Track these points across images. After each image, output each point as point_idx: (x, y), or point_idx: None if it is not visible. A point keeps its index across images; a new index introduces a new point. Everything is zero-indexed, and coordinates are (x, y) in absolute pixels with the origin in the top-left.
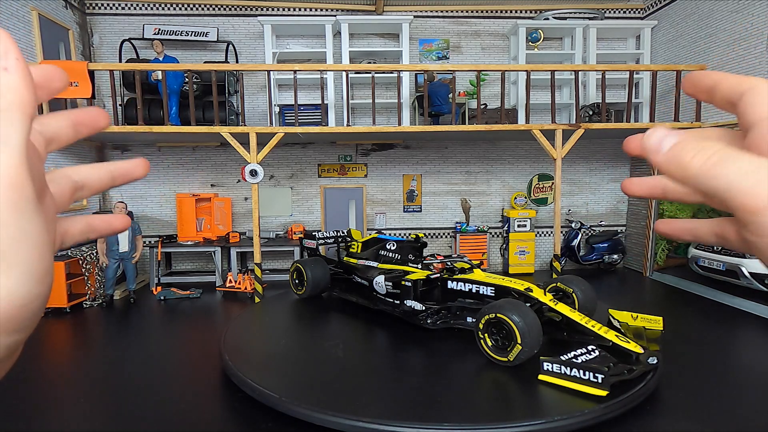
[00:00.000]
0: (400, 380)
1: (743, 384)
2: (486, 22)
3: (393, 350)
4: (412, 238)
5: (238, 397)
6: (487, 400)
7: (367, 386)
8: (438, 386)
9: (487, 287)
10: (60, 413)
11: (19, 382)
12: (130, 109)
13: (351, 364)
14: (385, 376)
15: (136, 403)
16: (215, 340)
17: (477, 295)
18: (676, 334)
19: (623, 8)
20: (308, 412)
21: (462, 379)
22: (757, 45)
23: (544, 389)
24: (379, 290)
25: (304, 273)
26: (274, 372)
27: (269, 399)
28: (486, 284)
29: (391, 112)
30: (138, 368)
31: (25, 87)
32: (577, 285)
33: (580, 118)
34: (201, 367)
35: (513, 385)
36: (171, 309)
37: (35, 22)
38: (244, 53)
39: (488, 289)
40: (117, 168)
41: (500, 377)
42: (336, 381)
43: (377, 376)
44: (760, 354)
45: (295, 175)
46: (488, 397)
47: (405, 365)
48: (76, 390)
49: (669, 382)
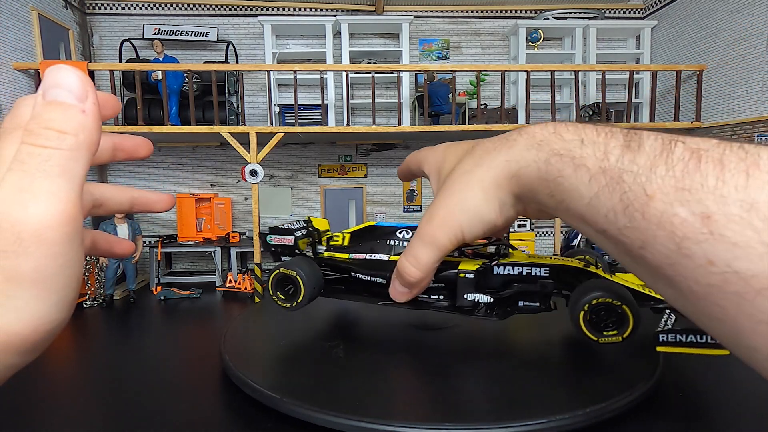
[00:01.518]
0: (401, 380)
1: (743, 384)
2: (486, 22)
3: (394, 349)
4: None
5: (238, 398)
6: (489, 400)
7: (369, 386)
8: (440, 385)
9: (540, 268)
10: (59, 413)
11: (18, 382)
12: (130, 109)
13: (352, 364)
14: (386, 375)
15: (135, 403)
16: (215, 340)
17: (529, 277)
18: None
19: (623, 8)
20: (310, 412)
21: (463, 378)
22: (757, 45)
23: (546, 389)
24: None
25: (299, 280)
26: (274, 372)
27: (270, 400)
28: (539, 265)
29: (391, 112)
30: (138, 368)
31: (95, 129)
32: (592, 253)
33: (580, 118)
34: (201, 367)
35: (514, 384)
36: (171, 309)
37: (35, 22)
38: (244, 53)
39: (542, 270)
40: (140, 196)
41: (501, 377)
42: (337, 381)
43: (378, 376)
44: None
45: (295, 175)
46: (489, 396)
47: (406, 364)
48: (76, 390)
49: (669, 382)
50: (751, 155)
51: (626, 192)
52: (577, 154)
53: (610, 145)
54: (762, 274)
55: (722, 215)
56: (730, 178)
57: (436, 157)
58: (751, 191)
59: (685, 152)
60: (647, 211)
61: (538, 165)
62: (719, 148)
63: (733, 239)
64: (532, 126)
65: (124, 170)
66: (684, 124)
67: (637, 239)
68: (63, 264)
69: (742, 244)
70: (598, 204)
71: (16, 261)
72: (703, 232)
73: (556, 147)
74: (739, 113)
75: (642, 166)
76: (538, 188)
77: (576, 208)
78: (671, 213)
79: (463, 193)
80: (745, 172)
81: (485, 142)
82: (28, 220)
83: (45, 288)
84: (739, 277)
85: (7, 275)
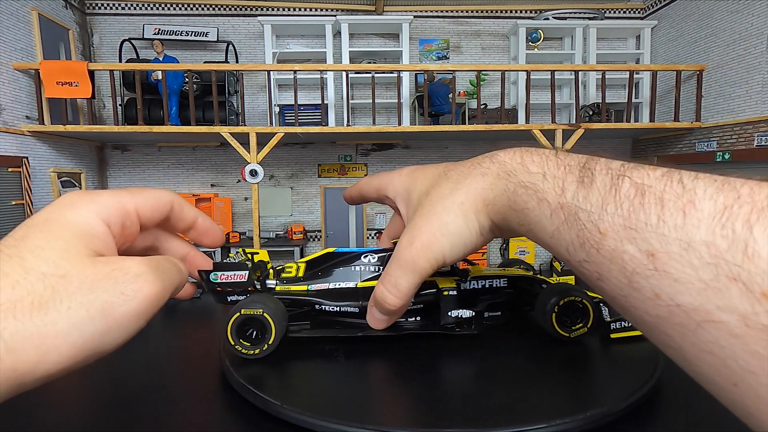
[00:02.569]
0: (402, 385)
1: None
2: (486, 22)
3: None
4: (392, 245)
5: (238, 398)
6: (489, 404)
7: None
8: (440, 391)
9: (500, 279)
10: (59, 413)
11: None
12: (130, 109)
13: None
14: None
15: (135, 403)
16: (215, 341)
17: (493, 289)
18: None
19: (623, 8)
20: (311, 419)
21: (463, 383)
22: (757, 45)
23: (545, 393)
24: None
25: (267, 318)
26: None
27: (270, 406)
28: (499, 277)
29: (391, 112)
30: (137, 368)
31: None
32: (525, 263)
33: (580, 118)
34: (201, 367)
35: (514, 389)
36: (171, 309)
37: (35, 22)
38: (244, 53)
39: (502, 281)
40: (193, 255)
41: (501, 381)
42: (338, 387)
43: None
44: None
45: (295, 175)
46: (489, 401)
47: (406, 370)
48: (75, 390)
49: (669, 382)
50: (688, 192)
51: (582, 229)
52: (540, 188)
53: (567, 181)
54: (701, 308)
55: (664, 253)
56: (669, 216)
57: (402, 181)
58: (687, 230)
59: (630, 189)
60: (602, 247)
61: (508, 195)
62: (661, 183)
63: (675, 276)
64: (502, 153)
65: (124, 170)
66: (684, 124)
67: (595, 272)
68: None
69: (683, 280)
70: (559, 237)
71: (121, 306)
72: (649, 268)
73: (522, 179)
74: (739, 113)
75: (594, 204)
76: (509, 216)
77: (542, 238)
78: (622, 250)
79: (444, 216)
80: (682, 211)
81: (459, 166)
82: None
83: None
84: (682, 310)
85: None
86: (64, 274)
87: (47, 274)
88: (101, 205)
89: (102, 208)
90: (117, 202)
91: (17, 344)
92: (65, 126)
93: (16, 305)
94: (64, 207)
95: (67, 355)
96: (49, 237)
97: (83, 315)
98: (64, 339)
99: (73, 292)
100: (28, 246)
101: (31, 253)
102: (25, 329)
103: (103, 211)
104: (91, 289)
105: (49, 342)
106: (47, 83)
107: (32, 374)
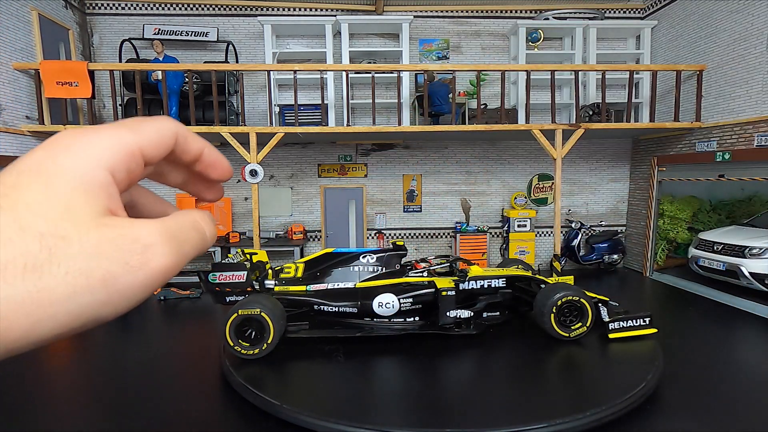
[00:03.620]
0: (401, 385)
1: (743, 384)
2: (486, 22)
3: (393, 354)
4: (391, 246)
5: (237, 398)
6: (490, 405)
7: (369, 392)
8: (439, 391)
9: (498, 280)
10: (59, 413)
11: (19, 382)
12: (130, 109)
13: (352, 369)
14: (386, 381)
15: (135, 403)
16: (215, 341)
17: (491, 289)
18: (676, 334)
19: (623, 8)
20: (310, 419)
21: (463, 383)
22: (757, 45)
23: (546, 393)
24: (385, 312)
25: (265, 318)
26: (274, 378)
27: (270, 407)
28: (497, 277)
29: (391, 112)
30: (137, 368)
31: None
32: (524, 263)
33: (580, 118)
34: (201, 367)
35: (515, 389)
36: (171, 309)
37: (35, 22)
38: (244, 53)
39: (500, 281)
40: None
41: (502, 382)
42: (337, 387)
43: (378, 382)
44: (759, 354)
45: (295, 175)
46: (490, 401)
47: (406, 370)
48: (76, 390)
49: (669, 382)
50: None
51: None
52: None
53: None
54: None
55: None
56: None
57: None
58: None
59: None
60: None
61: None
62: None
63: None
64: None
65: None
66: (684, 124)
67: None
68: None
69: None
70: None
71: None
72: None
73: None
74: (739, 113)
75: None
76: None
77: None
78: None
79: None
80: None
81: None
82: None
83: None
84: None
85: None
86: (64, 236)
87: (45, 234)
88: (103, 149)
89: (105, 154)
90: (120, 145)
91: (7, 310)
92: (65, 126)
93: (7, 266)
94: (60, 151)
95: (62, 323)
96: (47, 191)
97: (82, 283)
98: (60, 307)
99: (72, 256)
100: (24, 199)
101: (28, 207)
102: (15, 294)
103: (106, 157)
104: (93, 255)
105: (43, 310)
106: (47, 83)
107: (23, 341)
